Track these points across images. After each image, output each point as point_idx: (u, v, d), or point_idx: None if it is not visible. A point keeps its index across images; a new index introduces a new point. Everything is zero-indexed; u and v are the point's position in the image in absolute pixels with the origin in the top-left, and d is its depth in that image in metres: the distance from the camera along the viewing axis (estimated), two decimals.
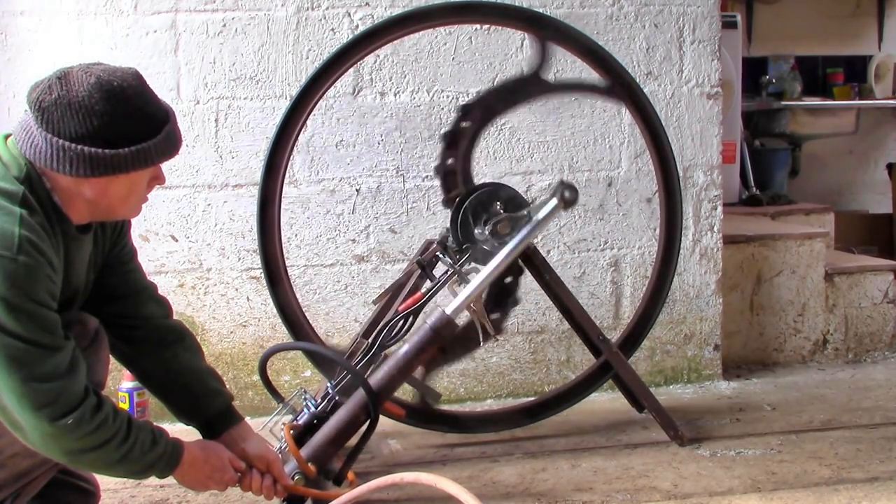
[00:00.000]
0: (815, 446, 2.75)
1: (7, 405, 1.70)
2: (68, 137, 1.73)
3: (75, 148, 1.73)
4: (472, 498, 1.97)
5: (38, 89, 1.76)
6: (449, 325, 2.45)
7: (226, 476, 2.01)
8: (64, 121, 1.73)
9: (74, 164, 1.74)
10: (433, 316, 2.45)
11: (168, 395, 2.11)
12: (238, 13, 3.10)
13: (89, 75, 1.76)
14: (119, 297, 2.07)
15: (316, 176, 3.18)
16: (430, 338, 2.43)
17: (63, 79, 1.76)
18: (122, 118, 1.76)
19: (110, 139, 1.75)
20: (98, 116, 1.73)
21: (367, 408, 2.33)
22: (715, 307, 3.47)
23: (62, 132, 1.73)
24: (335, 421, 2.37)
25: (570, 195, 2.52)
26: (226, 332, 3.18)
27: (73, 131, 1.73)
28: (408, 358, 2.43)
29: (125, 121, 1.76)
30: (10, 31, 3.03)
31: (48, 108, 1.74)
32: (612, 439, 2.86)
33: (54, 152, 1.74)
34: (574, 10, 3.25)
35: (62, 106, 1.73)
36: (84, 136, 1.73)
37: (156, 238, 3.12)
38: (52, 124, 1.74)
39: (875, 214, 5.84)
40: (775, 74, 5.76)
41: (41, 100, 1.74)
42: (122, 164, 1.77)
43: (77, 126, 1.73)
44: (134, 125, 1.77)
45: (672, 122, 3.34)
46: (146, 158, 1.79)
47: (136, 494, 2.47)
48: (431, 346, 2.44)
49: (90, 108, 1.73)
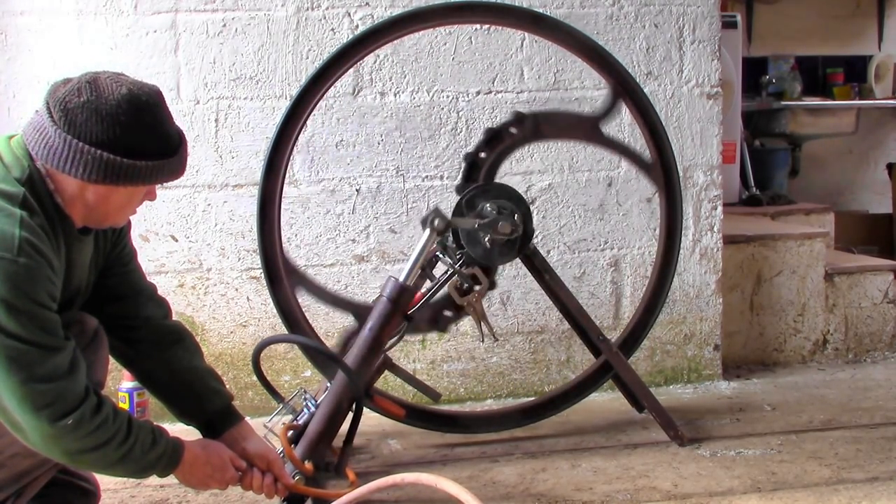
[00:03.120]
0: (815, 446, 2.75)
1: (7, 406, 1.70)
2: (89, 141, 1.74)
3: (94, 152, 1.74)
4: (472, 498, 1.98)
5: (65, 90, 1.76)
6: (405, 292, 2.49)
7: (227, 475, 2.01)
8: (88, 124, 1.74)
9: (89, 168, 1.75)
10: (387, 286, 2.49)
11: (168, 395, 2.12)
12: (238, 13, 3.10)
13: (119, 85, 1.78)
14: (119, 298, 2.07)
15: (316, 176, 3.18)
16: (390, 308, 2.48)
17: (92, 84, 1.77)
18: (145, 132, 1.79)
19: (129, 150, 1.77)
20: (122, 126, 1.75)
21: (350, 391, 2.34)
22: (715, 307, 3.47)
23: (84, 135, 1.74)
24: (320, 413, 2.39)
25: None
26: (226, 332, 3.18)
27: (95, 136, 1.74)
28: (374, 332, 2.47)
29: (146, 135, 1.79)
30: (10, 31, 3.03)
31: (74, 110, 1.74)
32: (612, 439, 2.86)
33: (71, 154, 1.75)
34: (574, 10, 3.25)
35: (89, 110, 1.74)
36: (105, 142, 1.75)
37: (156, 238, 3.12)
38: (75, 126, 1.74)
39: (875, 214, 5.84)
40: (775, 74, 5.76)
41: (67, 101, 1.75)
42: (135, 175, 1.79)
43: (101, 131, 1.74)
44: (153, 141, 1.80)
45: (672, 122, 3.34)
46: (158, 174, 1.82)
47: (136, 494, 2.47)
48: (393, 316, 2.48)
49: (116, 117, 1.75)
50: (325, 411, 2.39)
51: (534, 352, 3.36)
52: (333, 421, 2.39)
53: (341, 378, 2.39)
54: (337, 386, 2.41)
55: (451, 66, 3.22)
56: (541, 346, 3.36)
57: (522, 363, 3.36)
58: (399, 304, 2.48)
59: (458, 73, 3.23)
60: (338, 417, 2.39)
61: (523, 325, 3.34)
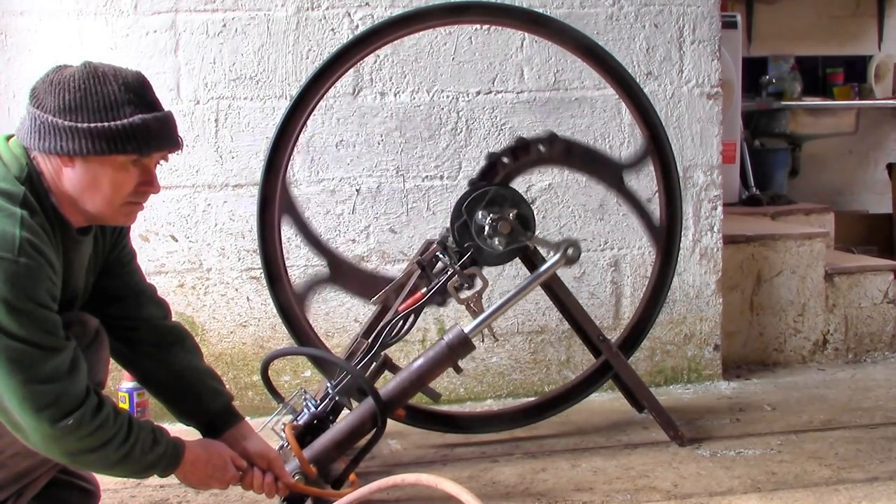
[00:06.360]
0: (815, 446, 2.75)
1: (8, 407, 1.70)
2: (48, 111, 1.75)
3: (50, 120, 1.74)
4: (472, 498, 1.98)
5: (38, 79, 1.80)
6: (465, 345, 2.47)
7: (227, 474, 2.01)
8: (46, 96, 1.76)
9: (46, 138, 1.75)
10: (451, 332, 2.47)
11: (168, 396, 2.12)
12: (238, 13, 3.10)
13: (85, 63, 1.80)
14: (118, 299, 2.07)
15: (316, 176, 3.18)
16: (445, 354, 2.45)
17: (59, 67, 1.81)
18: (95, 94, 1.75)
19: (83, 116, 1.74)
20: (72, 91, 1.75)
21: (375, 417, 2.34)
22: (715, 307, 3.47)
23: (43, 106, 1.76)
24: (342, 426, 2.38)
25: (574, 253, 2.58)
26: (226, 333, 3.18)
27: (51, 104, 1.75)
28: (420, 372, 2.46)
29: (97, 98, 1.75)
30: (10, 31, 3.03)
31: (38, 87, 1.79)
32: (612, 439, 2.87)
33: (33, 126, 1.76)
34: (574, 10, 3.26)
35: (50, 83, 1.77)
36: (59, 108, 1.75)
37: (156, 238, 3.12)
38: (39, 100, 1.77)
39: (875, 214, 5.84)
40: (775, 74, 5.76)
41: (36, 86, 1.79)
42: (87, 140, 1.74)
43: (54, 99, 1.75)
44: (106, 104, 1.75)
45: (672, 122, 3.34)
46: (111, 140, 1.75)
47: (137, 494, 2.47)
48: (445, 362, 2.46)
49: (67, 84, 1.76)
50: (347, 427, 2.37)
51: (534, 352, 3.36)
52: (352, 438, 2.37)
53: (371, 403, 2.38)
54: (365, 409, 2.38)
55: (451, 66, 3.22)
56: (541, 346, 3.36)
57: (522, 363, 3.36)
58: (456, 354, 2.46)
59: (458, 73, 3.23)
60: (358, 436, 2.38)
61: (523, 325, 3.34)
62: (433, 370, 2.46)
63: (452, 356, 2.46)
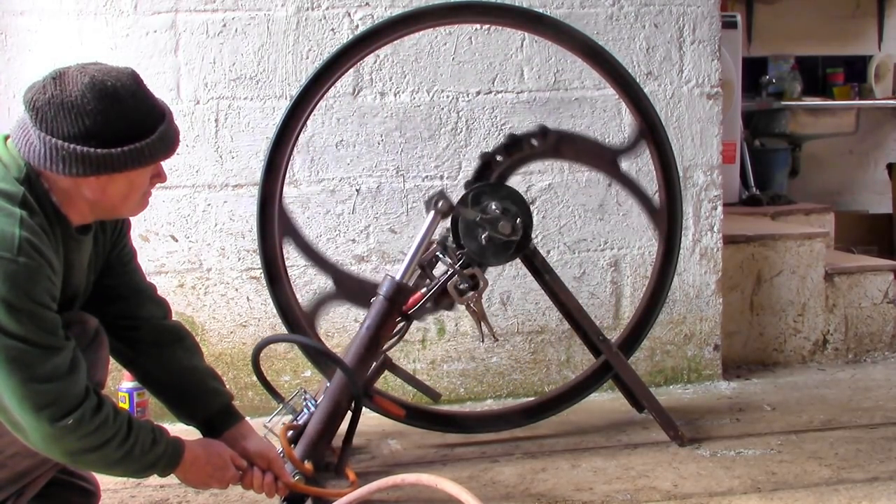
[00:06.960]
0: (815, 446, 2.75)
1: (7, 406, 1.70)
2: (62, 137, 1.74)
3: (68, 147, 1.74)
4: (472, 498, 1.98)
5: (34, 89, 1.77)
6: (402, 291, 2.48)
7: (227, 474, 2.01)
8: (57, 120, 1.74)
9: (68, 164, 1.75)
10: (384, 285, 2.48)
11: (168, 395, 2.12)
12: (238, 13, 3.10)
13: (83, 75, 1.76)
14: (119, 299, 2.07)
15: (316, 176, 3.18)
16: (387, 307, 2.47)
17: (58, 79, 1.76)
18: (115, 118, 1.76)
19: (103, 139, 1.75)
20: (90, 116, 1.74)
21: (348, 390, 2.34)
22: (715, 307, 3.47)
23: (56, 132, 1.74)
24: (319, 413, 2.39)
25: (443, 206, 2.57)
26: (226, 332, 3.18)
27: (65, 131, 1.74)
28: (371, 331, 2.47)
29: (117, 120, 1.76)
30: (10, 31, 3.03)
31: (42, 108, 1.74)
32: (612, 439, 2.86)
33: (48, 152, 1.74)
34: (574, 10, 3.25)
35: (55, 105, 1.74)
36: (76, 135, 1.74)
37: (156, 238, 3.12)
38: (45, 123, 1.74)
39: (875, 214, 5.84)
40: (775, 74, 5.76)
41: (35, 99, 1.75)
42: (115, 163, 1.76)
43: (69, 126, 1.73)
44: (126, 125, 1.77)
45: (672, 122, 3.34)
46: (139, 158, 1.79)
47: (137, 494, 2.47)
48: (390, 315, 2.48)
49: (82, 108, 1.73)
50: (324, 411, 2.39)
51: (534, 352, 3.36)
52: (332, 420, 2.39)
53: (340, 377, 2.39)
54: (335, 385, 2.41)
55: (451, 66, 3.22)
56: (541, 346, 3.36)
57: (522, 363, 3.36)
58: (396, 302, 2.48)
59: (458, 73, 3.23)
60: (337, 417, 2.39)
61: (523, 325, 3.34)
62: (381, 326, 2.47)
63: (393, 306, 2.47)
